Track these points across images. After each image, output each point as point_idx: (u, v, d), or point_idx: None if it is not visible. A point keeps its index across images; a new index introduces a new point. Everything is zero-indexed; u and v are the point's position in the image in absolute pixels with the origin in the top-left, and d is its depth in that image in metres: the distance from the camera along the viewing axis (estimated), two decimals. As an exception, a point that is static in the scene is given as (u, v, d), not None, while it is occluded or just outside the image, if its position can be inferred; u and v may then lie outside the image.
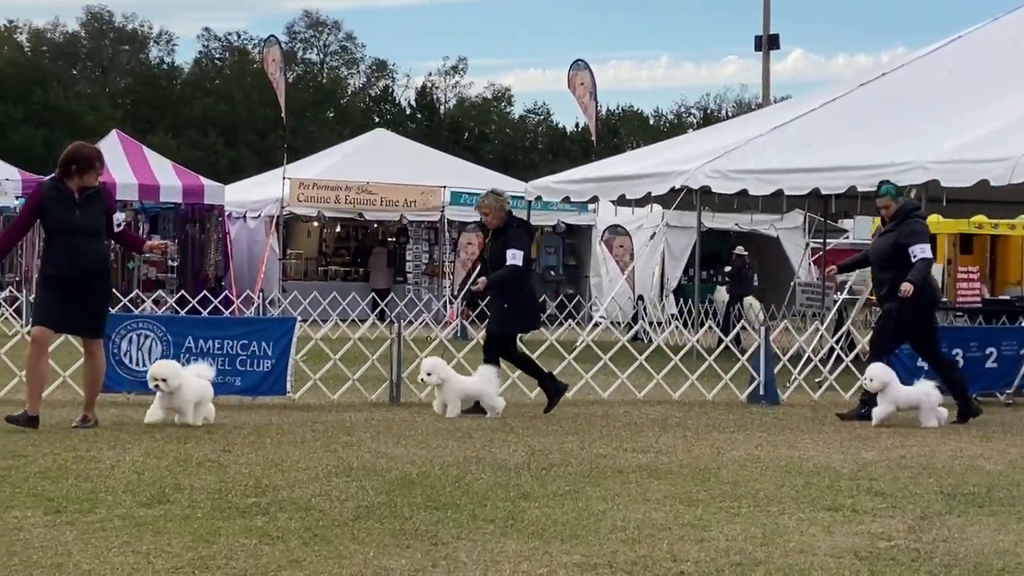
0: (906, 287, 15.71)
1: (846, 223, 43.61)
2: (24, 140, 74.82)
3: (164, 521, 8.91)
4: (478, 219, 39.32)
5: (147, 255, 24.96)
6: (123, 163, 35.31)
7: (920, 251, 16.03)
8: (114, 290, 30.08)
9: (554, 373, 17.62)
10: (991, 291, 28.06)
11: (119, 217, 14.66)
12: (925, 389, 15.97)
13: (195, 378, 14.41)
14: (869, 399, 16.13)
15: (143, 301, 31.34)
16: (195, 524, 8.83)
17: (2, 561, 7.63)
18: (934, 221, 25.64)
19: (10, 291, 30.57)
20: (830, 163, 23.96)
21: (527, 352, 16.87)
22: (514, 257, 16.18)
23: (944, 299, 26.34)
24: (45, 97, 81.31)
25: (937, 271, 26.75)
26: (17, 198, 32.16)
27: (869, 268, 17.92)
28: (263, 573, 7.51)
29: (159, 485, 10.27)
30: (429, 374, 15.77)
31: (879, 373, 15.87)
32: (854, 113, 25.82)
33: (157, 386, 14.17)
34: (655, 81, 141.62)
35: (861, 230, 41.24)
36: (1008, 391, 18.73)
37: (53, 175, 13.94)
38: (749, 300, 32.28)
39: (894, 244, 16.20)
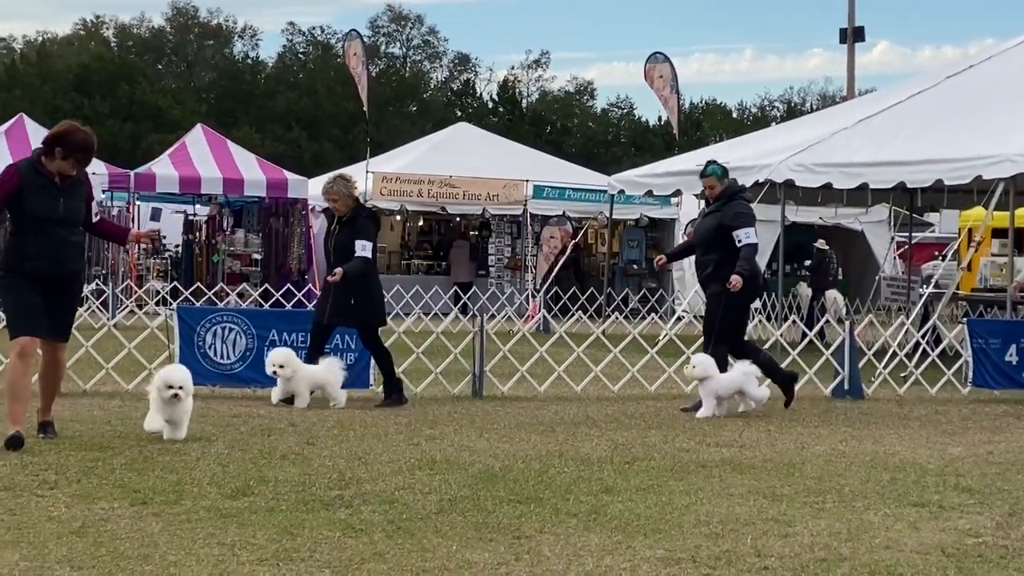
0: (735, 280, 15.48)
1: (932, 217, 43.31)
2: (110, 135, 75.43)
3: (249, 513, 8.96)
4: (561, 212, 39.51)
5: (142, 245, 24.01)
6: (208, 157, 35.54)
7: (745, 236, 15.75)
8: (199, 283, 30.41)
9: (636, 366, 17.60)
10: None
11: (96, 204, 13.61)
12: (744, 370, 15.69)
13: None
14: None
15: (227, 295, 31.57)
16: (279, 516, 8.87)
17: (89, 552, 7.69)
18: (1022, 214, 25.42)
19: (97, 284, 30.83)
20: (916, 156, 23.74)
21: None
22: (364, 248, 15.51)
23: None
24: (131, 92, 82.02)
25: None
26: (104, 191, 32.41)
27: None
28: (347, 566, 7.53)
29: (244, 477, 10.33)
30: (282, 366, 15.24)
31: (701, 361, 15.52)
32: (941, 106, 25.56)
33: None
34: (739, 74, 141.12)
35: (948, 224, 40.91)
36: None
37: (32, 155, 12.19)
38: (832, 294, 32.02)
39: (718, 226, 15.91)
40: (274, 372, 15.12)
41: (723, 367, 15.64)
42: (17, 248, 11.87)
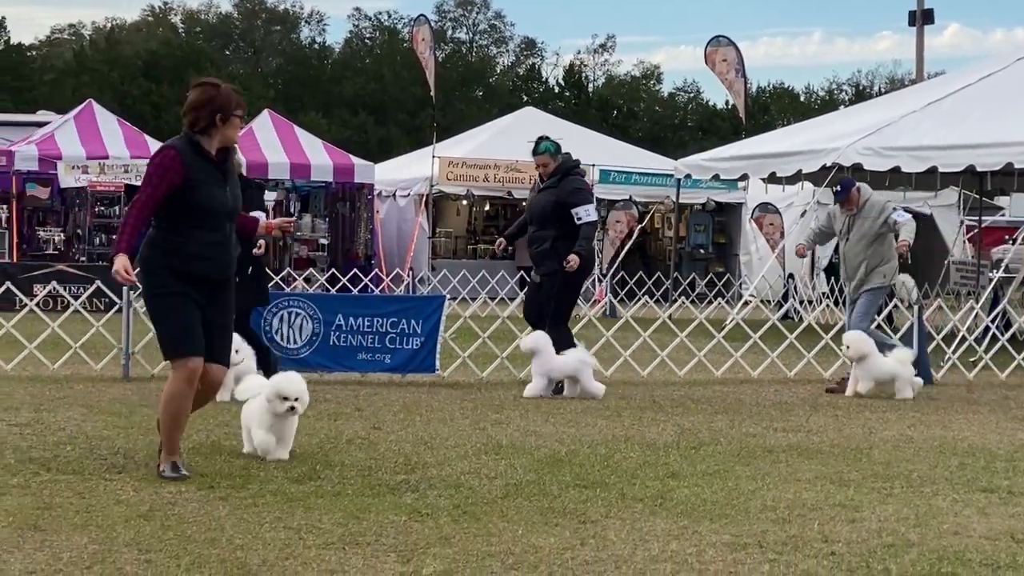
0: (573, 260, 15.31)
1: (1002, 200, 42.90)
2: (177, 121, 75.62)
3: (315, 497, 9.00)
4: (628, 197, 39.41)
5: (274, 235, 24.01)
6: (275, 142, 35.69)
7: (584, 213, 15.57)
8: (267, 268, 30.56)
9: (703, 351, 17.57)
10: None
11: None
12: (580, 356, 15.38)
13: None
14: None
15: (295, 279, 31.70)
16: (345, 501, 8.90)
17: (157, 535, 7.74)
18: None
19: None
20: (986, 139, 23.54)
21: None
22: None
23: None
24: (198, 78, 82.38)
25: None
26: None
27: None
28: (412, 550, 7.55)
29: (310, 462, 10.37)
30: (237, 351, 13.07)
31: (536, 338, 15.30)
32: (1011, 88, 25.32)
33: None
34: (807, 58, 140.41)
35: (1018, 207, 40.58)
36: None
37: (183, 136, 10.29)
38: (901, 278, 31.87)
39: (556, 203, 15.65)
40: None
41: (566, 345, 15.37)
42: (178, 247, 9.71)
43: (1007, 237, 36.87)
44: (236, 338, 12.45)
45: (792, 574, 7.19)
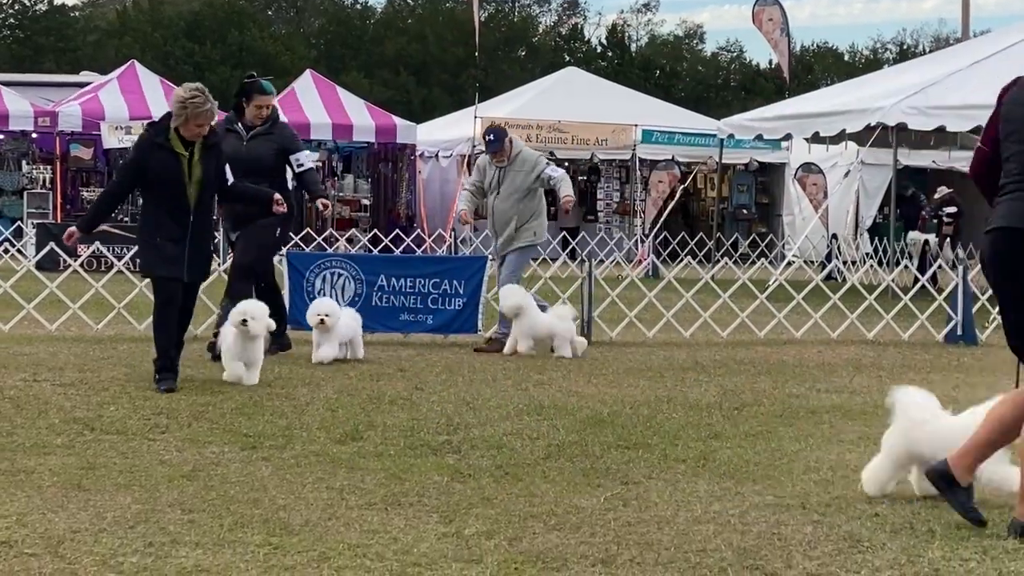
0: (278, 205, 12.92)
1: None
2: (221, 81, 75.94)
3: (357, 458, 9.01)
4: (670, 157, 39.31)
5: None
6: (317, 102, 35.73)
7: (306, 159, 14.75)
8: (308, 229, 30.60)
9: (746, 312, 17.53)
10: None
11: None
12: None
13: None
14: None
15: (336, 240, 31.75)
16: (388, 461, 8.91)
17: (200, 495, 7.77)
18: None
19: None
20: (1031, 98, 23.36)
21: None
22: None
23: None
24: (241, 38, 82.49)
25: None
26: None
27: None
28: (454, 510, 7.55)
29: (352, 422, 10.39)
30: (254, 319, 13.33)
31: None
32: (1058, 46, 25.15)
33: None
34: (851, 17, 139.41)
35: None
36: None
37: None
38: (914, 235, 31.86)
39: (279, 151, 14.39)
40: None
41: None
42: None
43: (1053, 196, 36.57)
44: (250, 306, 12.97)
45: (835, 535, 7.17)
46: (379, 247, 29.36)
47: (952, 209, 30.68)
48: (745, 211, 41.02)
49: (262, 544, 6.75)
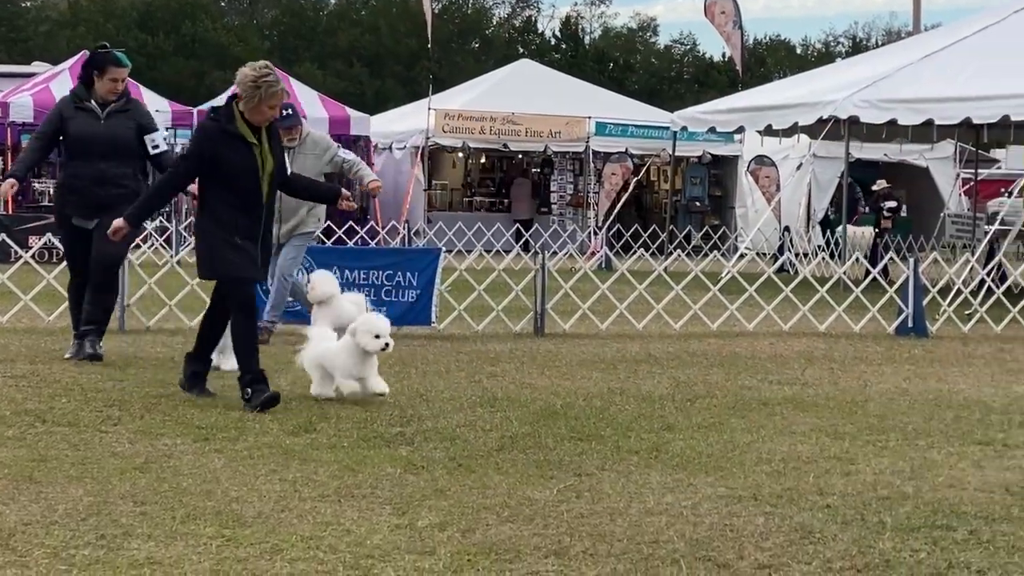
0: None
1: (998, 153, 42.90)
2: (174, 72, 75.70)
3: (310, 450, 9.00)
4: (623, 149, 39.35)
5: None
6: (271, 94, 35.57)
7: (160, 140, 13.43)
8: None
9: (698, 304, 17.60)
10: None
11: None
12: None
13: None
14: None
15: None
16: (341, 453, 8.91)
17: (152, 487, 7.75)
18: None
19: (160, 221, 30.98)
20: (982, 92, 23.54)
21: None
22: None
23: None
24: (194, 29, 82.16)
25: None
26: (167, 128, 32.54)
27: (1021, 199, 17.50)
28: (408, 502, 7.56)
29: (306, 414, 10.38)
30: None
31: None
32: (1007, 41, 25.29)
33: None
34: (805, 10, 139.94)
35: (1014, 160, 40.53)
36: None
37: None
38: (860, 230, 32.17)
39: (139, 128, 13.17)
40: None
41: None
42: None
43: (1003, 190, 36.94)
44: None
45: (787, 527, 7.21)
46: (332, 239, 29.27)
47: (891, 203, 30.90)
48: (698, 203, 41.11)
49: (215, 536, 6.73)
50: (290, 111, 15.06)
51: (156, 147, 13.25)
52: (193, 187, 12.48)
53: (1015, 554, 6.74)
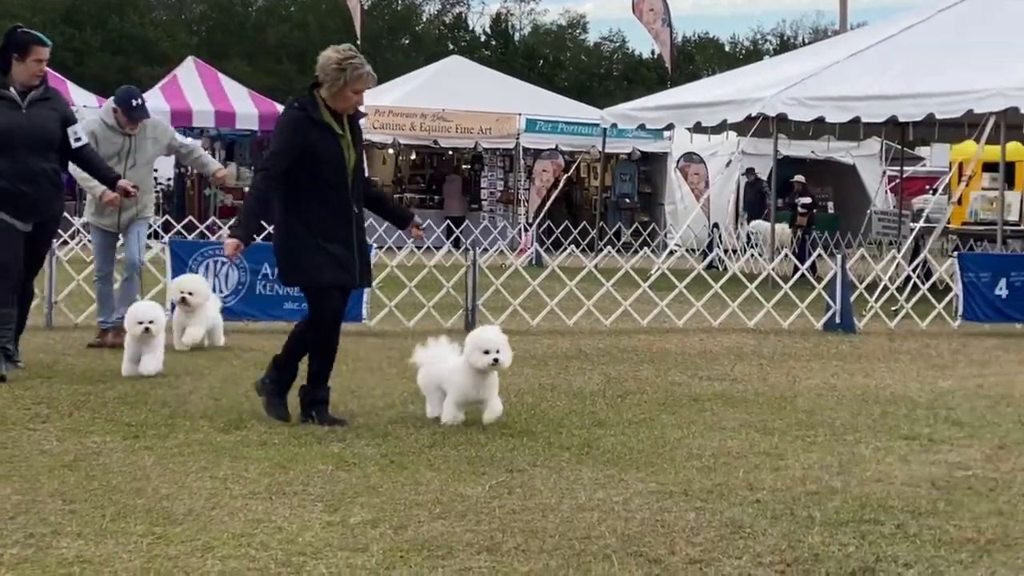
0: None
1: (923, 151, 43.28)
2: (100, 67, 75.15)
3: (241, 447, 8.98)
4: (554, 146, 39.39)
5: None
6: (199, 90, 35.43)
7: (82, 131, 12.40)
8: (191, 217, 30.33)
9: (628, 300, 17.64)
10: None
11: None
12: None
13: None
14: None
15: (219, 228, 31.50)
16: (272, 450, 8.89)
17: (82, 485, 7.71)
18: (1013, 148, 25.45)
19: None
20: (908, 90, 23.74)
21: None
22: None
23: (1021, 227, 26.15)
24: (121, 24, 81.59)
25: (1015, 199, 26.56)
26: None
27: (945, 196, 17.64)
28: (339, 499, 7.55)
29: (237, 411, 10.34)
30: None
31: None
32: (932, 39, 25.53)
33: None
34: (733, 7, 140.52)
35: (939, 158, 40.94)
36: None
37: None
38: (757, 224, 32.54)
39: (63, 119, 12.11)
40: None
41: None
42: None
43: (928, 187, 37.26)
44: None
45: (718, 522, 7.25)
46: (263, 235, 29.16)
47: (807, 200, 31.17)
48: (628, 200, 41.22)
49: (145, 534, 6.70)
50: (141, 101, 14.49)
51: (79, 139, 12.20)
52: (125, 183, 12.24)
53: (941, 547, 6.81)
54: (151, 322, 11.89)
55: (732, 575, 6.29)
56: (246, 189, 36.20)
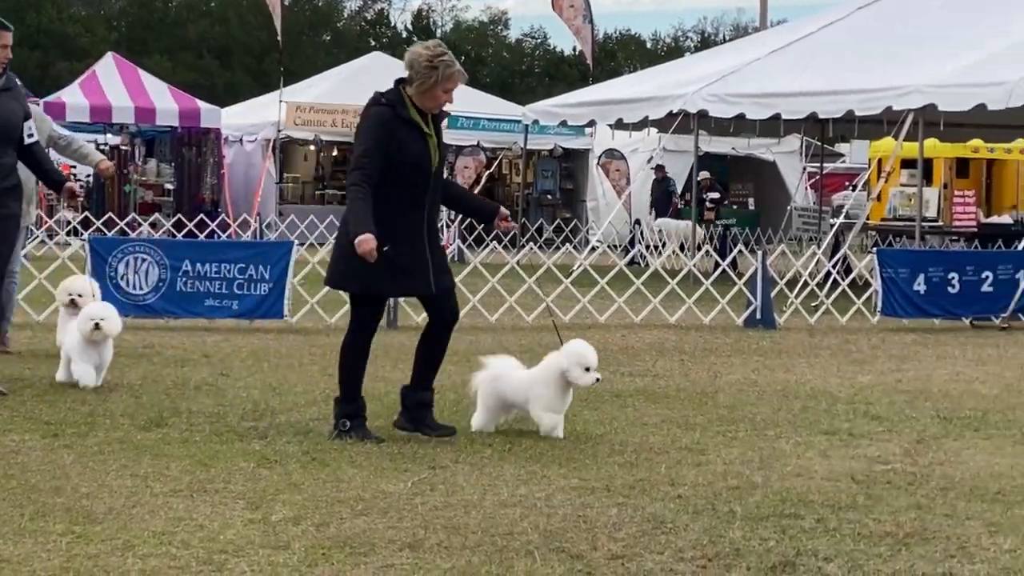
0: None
1: (843, 147, 43.60)
2: (18, 62, 74.32)
3: (162, 445, 8.93)
4: (475, 143, 39.37)
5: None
6: (119, 85, 35.14)
7: (35, 128, 11.41)
8: (111, 213, 30.11)
9: (550, 296, 17.66)
10: (986, 215, 28.12)
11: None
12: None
13: None
14: None
15: (140, 225, 31.29)
16: (193, 448, 8.85)
17: (0, 484, 7.64)
18: (931, 145, 25.69)
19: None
20: (827, 87, 23.90)
21: None
22: None
23: (940, 223, 26.41)
24: (39, 19, 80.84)
25: (933, 195, 26.80)
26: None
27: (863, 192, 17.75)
28: (261, 496, 7.53)
29: (157, 409, 10.29)
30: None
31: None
32: (851, 37, 25.72)
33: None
34: (655, 4, 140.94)
35: (858, 154, 41.26)
36: (1003, 315, 18.74)
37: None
38: (664, 221, 32.80)
39: (25, 113, 11.26)
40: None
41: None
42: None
43: (848, 183, 37.53)
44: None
45: (640, 517, 7.28)
46: (183, 232, 29.00)
47: (714, 195, 31.38)
48: (550, 197, 41.25)
49: (64, 533, 6.66)
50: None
51: (31, 135, 11.21)
52: (72, 185, 11.70)
53: (861, 541, 6.87)
54: (103, 319, 11.20)
55: (654, 570, 6.32)
56: (166, 185, 36.27)
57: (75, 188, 11.72)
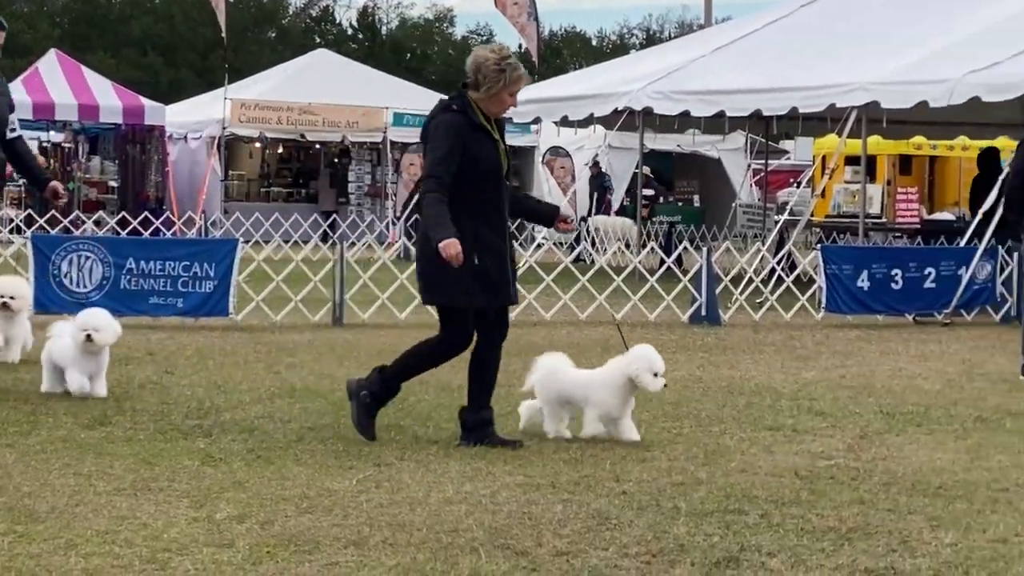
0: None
1: (787, 144, 43.76)
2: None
3: (106, 443, 8.90)
4: (419, 139, 39.35)
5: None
6: (62, 83, 34.94)
7: (17, 123, 11.69)
8: (54, 211, 29.95)
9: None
10: (929, 212, 28.32)
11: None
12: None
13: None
14: None
15: (83, 222, 31.11)
16: (137, 446, 8.82)
17: (-58, 484, 7.60)
18: (874, 142, 25.85)
19: None
20: (772, 84, 24.00)
21: None
22: None
23: (883, 219, 26.58)
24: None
25: (876, 192, 26.97)
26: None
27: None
28: (205, 495, 7.51)
29: (100, 407, 10.24)
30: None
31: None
32: (795, 34, 25.84)
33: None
34: (600, 2, 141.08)
35: (802, 151, 41.40)
36: (946, 311, 18.87)
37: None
38: (601, 219, 32.94)
39: (11, 107, 11.57)
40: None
41: None
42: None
43: (792, 180, 37.70)
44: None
45: (584, 514, 7.29)
46: (127, 229, 28.85)
47: (648, 192, 31.52)
48: (496, 194, 41.28)
49: (6, 532, 6.62)
50: None
51: (14, 130, 11.37)
52: (56, 185, 11.34)
53: (804, 536, 6.91)
54: (95, 330, 10.73)
55: (598, 567, 6.34)
56: (110, 183, 36.08)
57: (59, 187, 11.47)
